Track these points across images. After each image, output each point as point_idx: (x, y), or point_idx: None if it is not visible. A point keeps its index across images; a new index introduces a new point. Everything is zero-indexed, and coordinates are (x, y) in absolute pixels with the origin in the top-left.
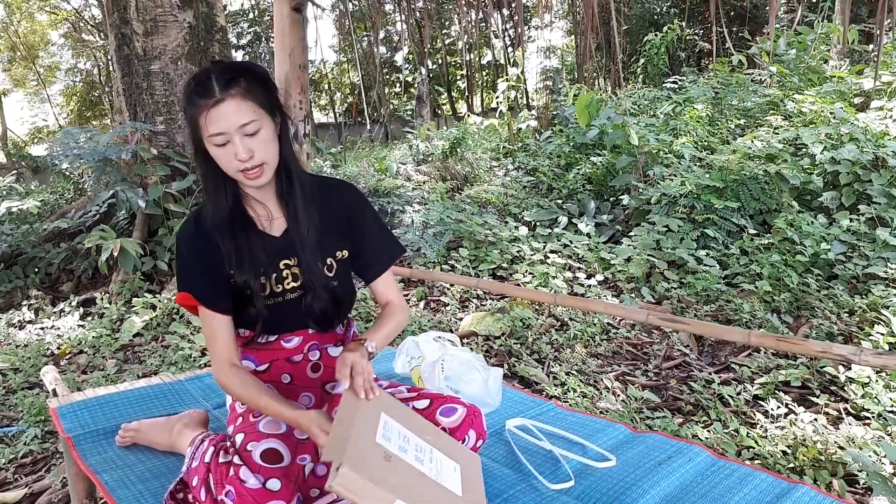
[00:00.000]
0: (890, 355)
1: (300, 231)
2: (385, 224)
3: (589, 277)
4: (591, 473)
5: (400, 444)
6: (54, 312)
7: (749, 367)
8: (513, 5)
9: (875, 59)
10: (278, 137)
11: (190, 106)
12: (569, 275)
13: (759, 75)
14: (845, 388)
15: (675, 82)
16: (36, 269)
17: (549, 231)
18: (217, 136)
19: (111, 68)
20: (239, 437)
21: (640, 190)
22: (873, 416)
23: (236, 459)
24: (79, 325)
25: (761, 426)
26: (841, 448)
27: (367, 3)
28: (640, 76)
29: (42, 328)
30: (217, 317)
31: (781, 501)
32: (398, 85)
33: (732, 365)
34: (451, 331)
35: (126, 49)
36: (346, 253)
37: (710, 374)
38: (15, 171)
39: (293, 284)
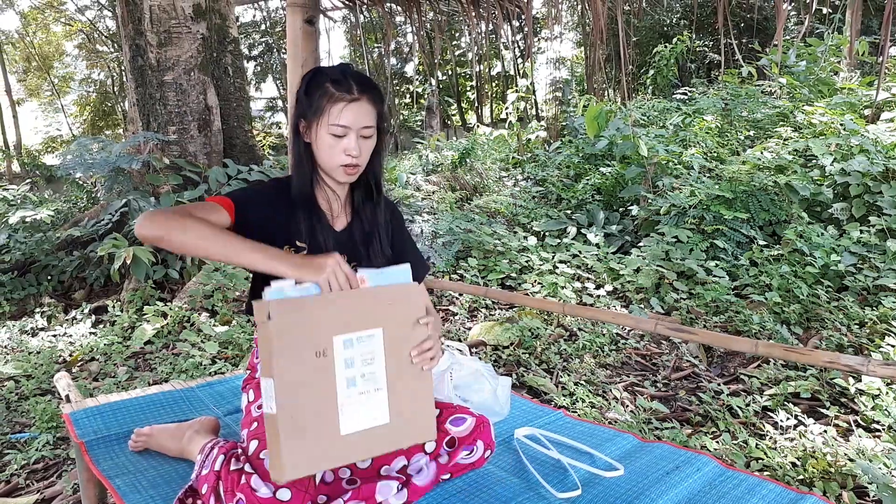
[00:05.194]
0: None
1: (376, 235)
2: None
3: (598, 288)
4: (598, 482)
5: (354, 358)
6: (66, 320)
7: (758, 379)
8: (523, 17)
9: (885, 70)
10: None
11: (321, 94)
12: (578, 285)
13: (769, 87)
14: (855, 400)
15: (684, 93)
16: (49, 277)
17: (558, 241)
18: (341, 127)
19: (125, 79)
20: (253, 444)
21: (650, 200)
22: (884, 429)
23: (247, 467)
24: (91, 333)
25: (770, 437)
26: (851, 460)
27: (379, 15)
28: (650, 87)
29: (54, 335)
30: (227, 220)
31: None
32: (408, 96)
33: (742, 376)
34: (460, 340)
35: (140, 60)
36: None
37: (719, 385)
38: (29, 180)
39: None
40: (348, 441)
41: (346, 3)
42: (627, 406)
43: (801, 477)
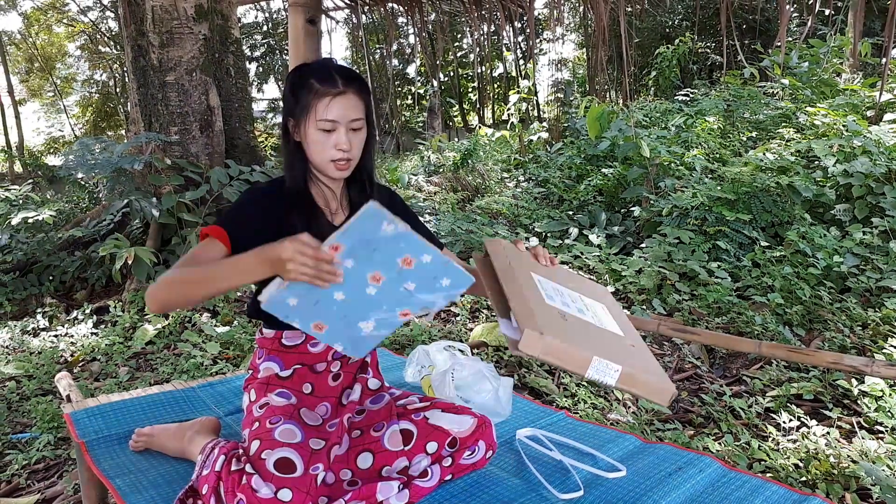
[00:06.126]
0: None
1: None
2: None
3: None
4: (600, 483)
5: (562, 300)
6: (68, 320)
7: (761, 380)
8: (525, 18)
9: (888, 71)
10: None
11: (305, 91)
12: None
13: (772, 88)
14: (858, 401)
15: (686, 95)
16: (50, 278)
17: (560, 242)
18: (329, 122)
19: (127, 79)
20: (254, 445)
21: (652, 202)
22: (887, 430)
23: (248, 468)
24: (92, 333)
25: (773, 439)
26: (854, 462)
27: (381, 16)
28: (652, 88)
29: (56, 336)
30: (223, 249)
31: None
32: (410, 97)
33: (744, 377)
34: (462, 341)
35: (142, 60)
36: None
37: (721, 386)
38: (31, 181)
39: None
40: (629, 339)
41: (348, 3)
42: (629, 407)
43: (803, 478)
